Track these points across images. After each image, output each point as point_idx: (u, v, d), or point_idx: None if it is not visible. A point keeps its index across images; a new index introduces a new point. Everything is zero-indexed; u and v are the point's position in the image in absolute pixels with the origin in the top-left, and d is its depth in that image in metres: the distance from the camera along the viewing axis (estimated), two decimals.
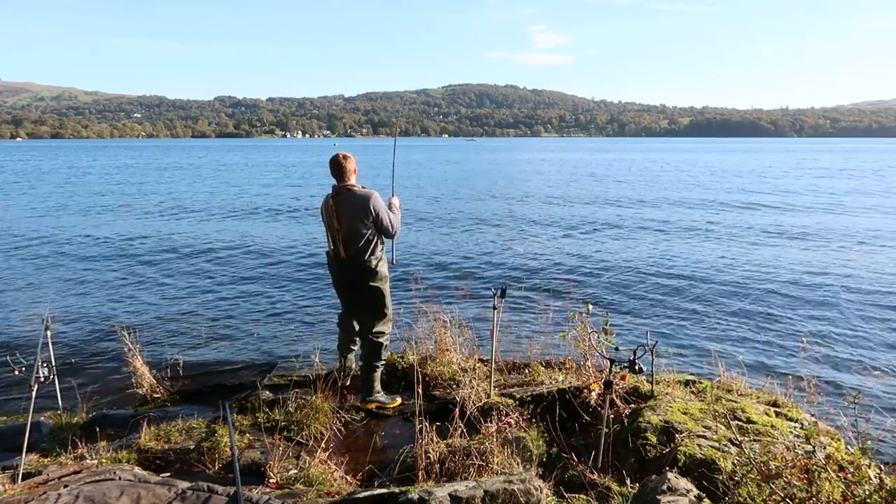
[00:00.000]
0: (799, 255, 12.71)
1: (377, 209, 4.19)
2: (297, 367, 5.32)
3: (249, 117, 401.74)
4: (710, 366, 5.22)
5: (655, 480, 2.81)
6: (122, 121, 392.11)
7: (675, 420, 3.59)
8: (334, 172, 4.26)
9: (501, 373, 5.12)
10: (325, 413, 4.12)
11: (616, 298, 9.31)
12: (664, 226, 17.13)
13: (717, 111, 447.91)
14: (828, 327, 7.88)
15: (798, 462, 2.66)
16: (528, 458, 3.48)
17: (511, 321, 7.27)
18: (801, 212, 20.29)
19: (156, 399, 4.74)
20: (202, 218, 19.11)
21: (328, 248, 4.41)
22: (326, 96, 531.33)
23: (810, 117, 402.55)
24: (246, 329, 7.73)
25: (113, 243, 14.18)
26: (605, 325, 4.53)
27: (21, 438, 3.40)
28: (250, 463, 3.61)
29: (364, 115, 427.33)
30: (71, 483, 2.95)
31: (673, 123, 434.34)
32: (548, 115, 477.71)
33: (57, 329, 7.10)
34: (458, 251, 13.32)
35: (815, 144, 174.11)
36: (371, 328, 4.43)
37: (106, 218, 19.00)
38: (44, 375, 3.41)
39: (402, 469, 3.42)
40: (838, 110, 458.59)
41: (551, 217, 19.15)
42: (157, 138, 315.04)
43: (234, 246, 13.89)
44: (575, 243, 14.23)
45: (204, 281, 10.42)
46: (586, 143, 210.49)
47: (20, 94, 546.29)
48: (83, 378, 5.88)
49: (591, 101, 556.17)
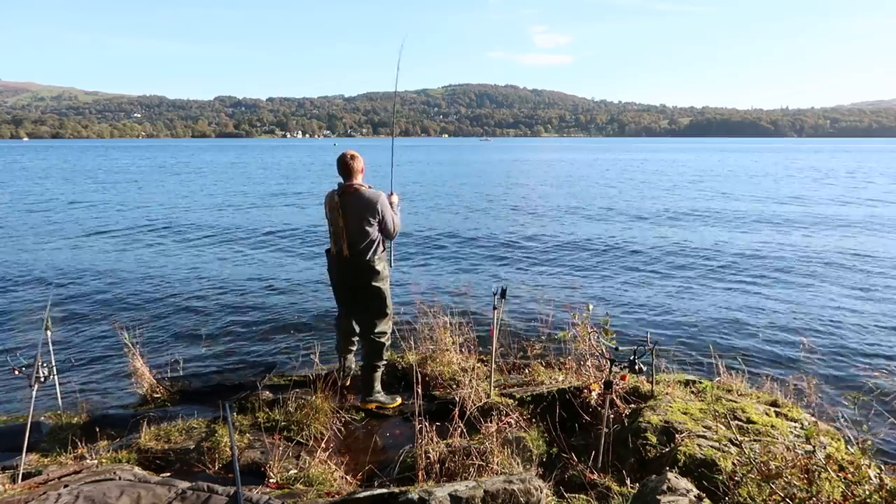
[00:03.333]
0: (799, 253, 12.71)
1: (383, 211, 4.19)
2: (297, 367, 5.32)
3: (249, 117, 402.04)
4: (710, 366, 5.22)
5: (655, 480, 2.81)
6: (122, 121, 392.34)
7: (675, 420, 3.59)
8: (342, 171, 4.24)
9: (501, 373, 5.11)
10: (325, 413, 4.12)
11: (616, 298, 9.31)
12: (664, 226, 17.13)
13: (717, 111, 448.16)
14: (828, 327, 7.88)
15: (798, 462, 2.66)
16: (528, 458, 3.48)
17: (512, 321, 7.26)
18: (802, 212, 20.29)
19: (156, 399, 4.74)
20: (202, 218, 19.11)
21: (329, 247, 4.40)
22: (326, 96, 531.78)
23: (810, 117, 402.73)
24: (246, 329, 7.72)
25: (113, 243, 14.19)
26: (605, 325, 4.53)
27: (21, 438, 3.40)
28: (250, 463, 3.61)
29: (364, 115, 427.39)
30: (71, 483, 2.95)
31: (673, 123, 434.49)
32: (548, 115, 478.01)
33: (57, 329, 7.10)
34: (458, 252, 13.32)
35: (813, 145, 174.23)
36: (373, 328, 4.42)
37: (106, 218, 18.99)
38: (44, 375, 3.41)
39: (402, 469, 3.42)
40: (838, 110, 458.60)
41: (555, 216, 19.16)
42: (157, 138, 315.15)
43: (234, 246, 13.90)
44: (576, 242, 14.23)
45: (204, 281, 10.41)
46: (591, 143, 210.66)
47: (20, 94, 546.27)
48: (83, 378, 5.89)
49: (591, 101, 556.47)
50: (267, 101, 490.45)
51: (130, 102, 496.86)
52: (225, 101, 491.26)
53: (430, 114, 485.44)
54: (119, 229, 16.45)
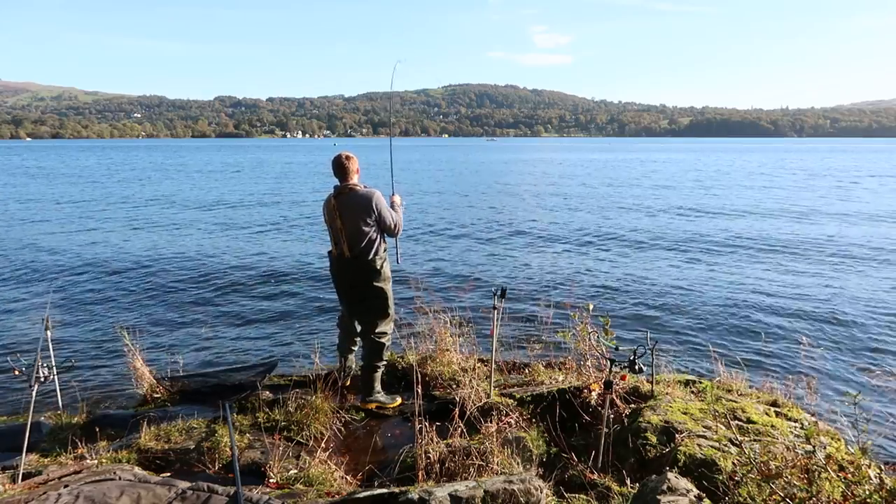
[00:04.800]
0: (798, 255, 12.71)
1: (379, 208, 4.20)
2: (297, 367, 5.32)
3: (249, 117, 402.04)
4: (710, 366, 5.22)
5: (655, 480, 2.81)
6: (122, 121, 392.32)
7: (675, 420, 3.59)
8: (337, 173, 4.27)
9: (501, 373, 5.11)
10: (325, 413, 4.12)
11: (616, 298, 9.31)
12: (666, 226, 17.14)
13: (717, 111, 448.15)
14: (828, 327, 7.88)
15: (798, 462, 2.66)
16: (528, 458, 3.48)
17: (511, 321, 7.26)
18: (802, 213, 20.29)
19: (156, 399, 4.74)
20: (201, 218, 19.10)
21: (331, 248, 4.42)
22: (326, 96, 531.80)
23: (810, 117, 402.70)
24: (246, 329, 7.72)
25: (113, 244, 14.18)
26: (605, 325, 4.53)
27: (21, 438, 3.40)
28: (250, 463, 3.61)
29: (364, 115, 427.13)
30: (71, 483, 2.95)
31: (673, 123, 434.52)
32: (548, 115, 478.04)
33: (57, 329, 7.10)
34: (458, 251, 13.32)
35: (810, 144, 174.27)
36: (373, 328, 4.43)
37: (106, 218, 18.99)
38: (44, 375, 3.41)
39: (402, 469, 3.42)
40: (838, 110, 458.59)
41: (556, 216, 19.16)
42: (157, 138, 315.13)
43: (234, 245, 13.89)
44: (576, 243, 14.23)
45: (204, 281, 10.41)
46: (592, 143, 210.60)
47: (20, 94, 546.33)
48: (83, 378, 5.89)
49: (591, 101, 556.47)
50: (267, 101, 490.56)
51: (130, 102, 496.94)
52: (225, 101, 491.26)
53: (430, 114, 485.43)
54: (119, 229, 16.45)
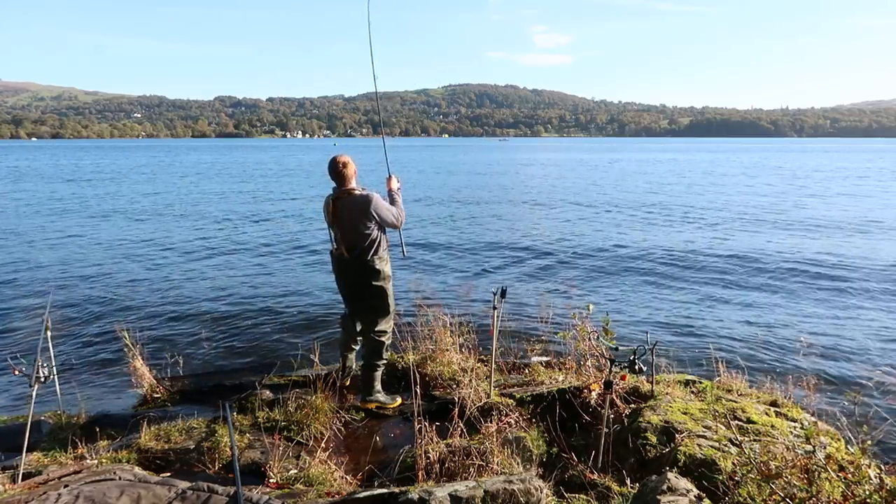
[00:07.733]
0: (799, 254, 12.70)
1: (378, 211, 4.25)
2: (297, 367, 5.32)
3: (249, 117, 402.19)
4: (710, 366, 5.22)
5: (655, 480, 2.81)
6: (122, 121, 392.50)
7: (675, 420, 3.59)
8: (334, 178, 4.32)
9: (501, 373, 5.11)
10: (325, 413, 4.12)
11: (616, 298, 9.31)
12: (665, 227, 17.14)
13: (717, 111, 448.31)
14: (828, 327, 7.88)
15: (798, 462, 2.66)
16: (528, 458, 3.48)
17: (511, 321, 7.26)
18: (802, 213, 20.29)
19: (156, 399, 4.74)
20: (201, 218, 19.11)
21: (332, 248, 4.44)
22: (326, 96, 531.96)
23: (810, 117, 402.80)
24: (246, 329, 7.72)
25: (114, 243, 14.18)
26: (605, 325, 4.53)
27: (21, 438, 3.40)
28: (250, 463, 3.61)
29: (364, 115, 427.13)
30: (71, 483, 2.95)
31: (673, 123, 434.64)
32: (548, 115, 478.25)
33: (57, 329, 7.09)
34: (458, 251, 13.32)
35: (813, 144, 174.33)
36: (373, 327, 4.45)
37: (106, 218, 18.99)
38: (44, 375, 3.41)
39: (402, 469, 3.42)
40: (838, 110, 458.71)
41: (556, 216, 19.16)
42: (156, 138, 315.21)
43: (234, 246, 13.89)
44: (577, 244, 14.22)
45: (204, 281, 10.41)
46: (593, 143, 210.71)
47: (20, 94, 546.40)
48: (83, 378, 5.88)
49: (591, 101, 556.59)
50: (267, 101, 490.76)
51: (130, 102, 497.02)
52: (225, 101, 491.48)
53: (430, 114, 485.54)
54: (119, 229, 16.45)
